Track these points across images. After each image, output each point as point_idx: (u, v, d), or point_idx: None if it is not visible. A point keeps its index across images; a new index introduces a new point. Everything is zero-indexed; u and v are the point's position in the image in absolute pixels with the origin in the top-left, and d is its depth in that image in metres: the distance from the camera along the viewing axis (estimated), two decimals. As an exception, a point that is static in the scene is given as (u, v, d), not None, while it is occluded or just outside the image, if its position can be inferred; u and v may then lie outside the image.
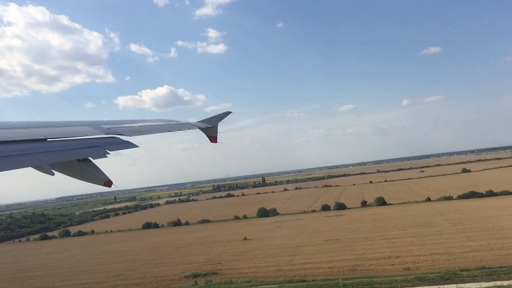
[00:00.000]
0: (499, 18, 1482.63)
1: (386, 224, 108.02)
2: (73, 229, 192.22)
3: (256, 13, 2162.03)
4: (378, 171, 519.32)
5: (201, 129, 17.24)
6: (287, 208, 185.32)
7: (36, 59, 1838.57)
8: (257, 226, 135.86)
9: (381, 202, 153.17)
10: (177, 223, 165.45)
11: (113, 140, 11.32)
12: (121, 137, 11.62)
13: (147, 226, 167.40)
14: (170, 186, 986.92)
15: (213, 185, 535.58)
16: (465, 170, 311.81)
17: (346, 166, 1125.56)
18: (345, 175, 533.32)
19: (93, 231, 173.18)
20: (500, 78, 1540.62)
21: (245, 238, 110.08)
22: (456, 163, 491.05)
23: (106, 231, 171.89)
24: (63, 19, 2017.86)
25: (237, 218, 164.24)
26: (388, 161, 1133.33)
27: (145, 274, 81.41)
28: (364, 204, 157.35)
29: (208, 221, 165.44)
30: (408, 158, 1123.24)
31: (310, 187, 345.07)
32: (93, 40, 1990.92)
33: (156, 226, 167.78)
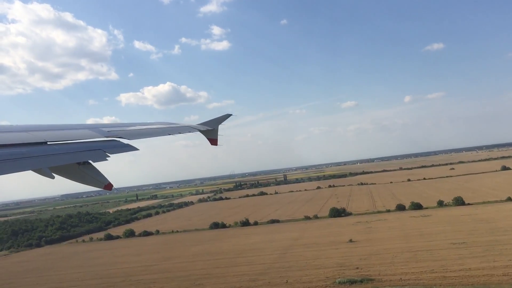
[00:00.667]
0: (502, 14, 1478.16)
1: (498, 225, 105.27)
2: (122, 228, 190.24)
3: (261, 9, 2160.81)
4: (401, 169, 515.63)
5: (201, 131, 17.60)
6: (347, 208, 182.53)
7: (40, 56, 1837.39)
8: (343, 227, 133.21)
9: (460, 202, 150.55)
10: (245, 223, 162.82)
11: (113, 143, 11.48)
12: (121, 140, 11.78)
13: (215, 226, 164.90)
14: (179, 183, 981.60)
15: (235, 183, 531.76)
16: (504, 168, 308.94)
17: (354, 162, 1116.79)
18: (364, 172, 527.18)
19: (158, 231, 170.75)
20: (505, 74, 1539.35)
21: (350, 240, 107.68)
22: (480, 160, 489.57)
23: (172, 231, 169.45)
24: (68, 16, 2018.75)
25: (307, 218, 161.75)
26: (396, 157, 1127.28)
27: (287, 279, 79.08)
28: (440, 204, 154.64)
29: (277, 221, 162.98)
30: (415, 155, 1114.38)
31: (344, 185, 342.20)
32: (97, 37, 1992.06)
33: (223, 226, 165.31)
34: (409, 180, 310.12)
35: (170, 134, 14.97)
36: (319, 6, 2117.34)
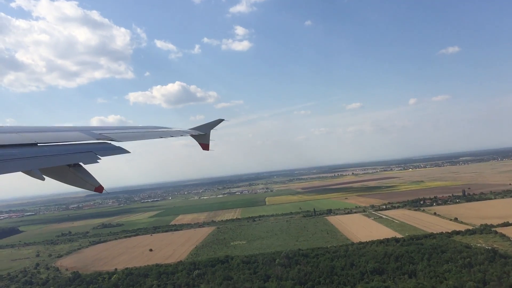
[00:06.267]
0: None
1: None
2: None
3: (290, 10, 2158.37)
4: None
5: (193, 136, 17.68)
6: None
7: (60, 54, 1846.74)
8: None
9: None
10: None
11: (104, 145, 11.74)
12: (112, 142, 12.05)
13: None
14: (190, 183, 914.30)
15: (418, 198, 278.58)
16: None
17: (388, 163, 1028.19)
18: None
19: None
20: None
21: None
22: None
23: None
24: (95, 14, 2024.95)
25: None
26: (425, 159, 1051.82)
27: None
28: None
29: None
30: (440, 157, 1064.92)
31: None
32: (121, 36, 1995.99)
33: None
34: None
35: (162, 137, 15.09)
36: (342, 9, 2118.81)
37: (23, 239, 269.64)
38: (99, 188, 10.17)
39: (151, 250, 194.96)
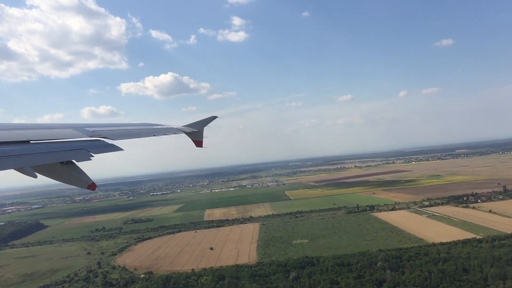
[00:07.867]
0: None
1: None
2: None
3: (287, 0, 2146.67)
4: None
5: (187, 133, 17.98)
6: None
7: (54, 44, 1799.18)
8: None
9: None
10: None
11: (97, 143, 11.72)
12: (105, 140, 12.08)
13: None
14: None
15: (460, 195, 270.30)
16: None
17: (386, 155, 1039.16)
18: None
19: None
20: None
21: None
22: None
23: None
24: (90, 3, 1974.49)
25: None
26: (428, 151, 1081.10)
27: None
28: None
29: None
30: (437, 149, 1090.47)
31: None
32: (116, 26, 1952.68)
33: None
34: None
35: (155, 135, 15.19)
36: (338, 0, 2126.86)
37: (55, 235, 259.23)
38: (92, 186, 10.04)
39: (211, 248, 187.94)
